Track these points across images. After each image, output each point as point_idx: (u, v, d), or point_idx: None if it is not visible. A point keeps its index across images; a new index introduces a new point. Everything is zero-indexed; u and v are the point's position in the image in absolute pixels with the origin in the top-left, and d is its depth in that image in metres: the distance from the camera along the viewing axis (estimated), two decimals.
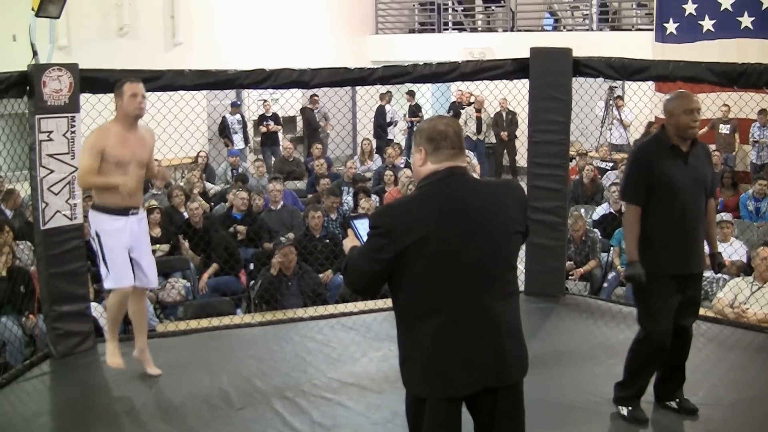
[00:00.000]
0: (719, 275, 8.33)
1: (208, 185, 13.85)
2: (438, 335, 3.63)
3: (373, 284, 3.77)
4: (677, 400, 5.73)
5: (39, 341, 8.20)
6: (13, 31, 14.62)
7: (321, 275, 9.49)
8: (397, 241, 3.58)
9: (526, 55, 8.22)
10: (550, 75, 8.08)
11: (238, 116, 17.82)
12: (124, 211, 6.14)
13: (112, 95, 6.74)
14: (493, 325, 3.66)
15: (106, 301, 6.50)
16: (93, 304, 6.94)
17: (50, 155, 6.66)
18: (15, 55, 10.23)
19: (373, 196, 12.11)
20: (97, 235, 6.13)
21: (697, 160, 5.41)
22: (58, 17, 7.06)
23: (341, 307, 8.21)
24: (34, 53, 6.93)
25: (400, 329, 3.77)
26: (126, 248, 6.19)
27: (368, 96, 16.03)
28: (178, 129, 8.40)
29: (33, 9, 6.83)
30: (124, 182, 6.00)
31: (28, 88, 6.67)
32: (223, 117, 17.74)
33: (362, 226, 3.94)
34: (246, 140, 17.96)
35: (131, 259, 6.25)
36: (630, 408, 5.68)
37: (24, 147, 7.29)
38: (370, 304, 7.93)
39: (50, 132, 6.65)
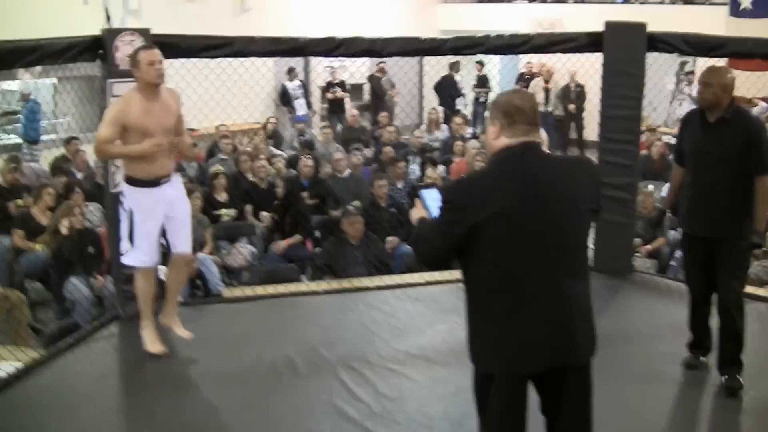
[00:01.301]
0: None
1: (275, 151, 13.84)
2: (508, 312, 3.57)
3: (444, 258, 3.74)
4: (726, 377, 5.71)
5: (107, 302, 8.30)
6: None
7: (387, 242, 9.44)
8: (469, 216, 3.53)
9: (596, 27, 8.06)
10: (624, 50, 7.90)
11: (297, 82, 17.77)
12: (155, 182, 5.99)
13: (182, 60, 6.75)
14: (563, 303, 3.60)
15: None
16: (161, 267, 6.96)
17: None
18: (85, 19, 10.34)
19: (440, 167, 12.03)
20: (131, 211, 6.02)
21: (723, 133, 5.58)
22: None
23: (407, 278, 8.16)
24: (108, 18, 6.93)
25: (469, 304, 3.72)
26: (159, 225, 6.10)
27: (439, 65, 15.98)
28: (248, 94, 8.38)
29: None
30: (143, 148, 5.83)
31: (100, 52, 6.67)
32: (282, 84, 17.73)
33: (430, 196, 3.90)
34: (309, 105, 17.93)
35: (165, 228, 6.17)
36: (688, 355, 6.13)
37: (94, 109, 7.34)
38: (436, 275, 7.85)
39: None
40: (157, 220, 6.07)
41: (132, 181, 6.00)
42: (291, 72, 17.64)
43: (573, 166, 3.82)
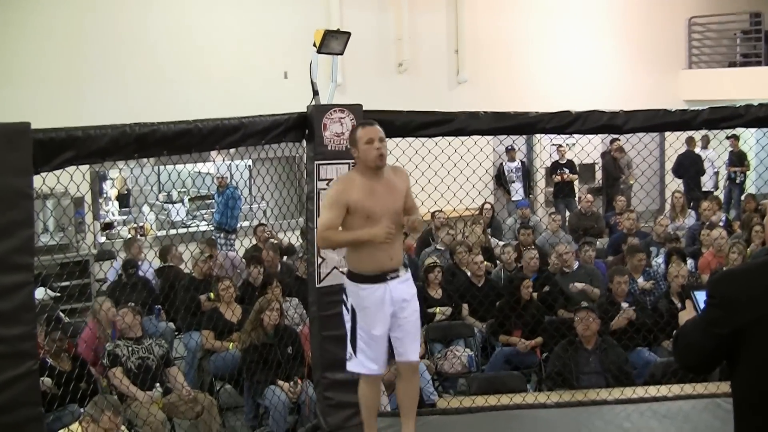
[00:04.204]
0: None
1: (497, 242, 13.84)
2: None
3: (705, 362, 3.66)
4: None
5: (307, 410, 8.40)
6: (283, 68, 15.36)
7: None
8: (735, 315, 3.44)
9: None
10: None
11: (516, 163, 17.76)
12: (381, 277, 5.91)
13: (397, 140, 6.84)
14: None
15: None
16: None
17: None
18: (284, 94, 10.66)
19: (689, 260, 11.70)
20: (353, 310, 5.98)
21: None
22: (341, 53, 7.18)
23: (652, 390, 7.94)
24: (315, 93, 7.04)
25: (736, 419, 3.62)
26: (387, 326, 5.99)
27: (680, 141, 15.66)
28: (467, 176, 8.34)
29: (315, 45, 6.94)
30: (375, 233, 5.72)
31: (307, 131, 6.86)
32: (501, 164, 17.75)
33: (703, 298, 3.80)
34: (526, 191, 17.79)
35: (391, 332, 6.04)
36: None
37: (292, 194, 7.50)
38: (688, 388, 7.62)
39: (329, 180, 6.76)
40: (384, 322, 5.97)
41: (355, 276, 5.97)
42: (510, 152, 17.65)
43: None
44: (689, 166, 18.05)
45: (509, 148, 17.55)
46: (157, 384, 8.50)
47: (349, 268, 6.03)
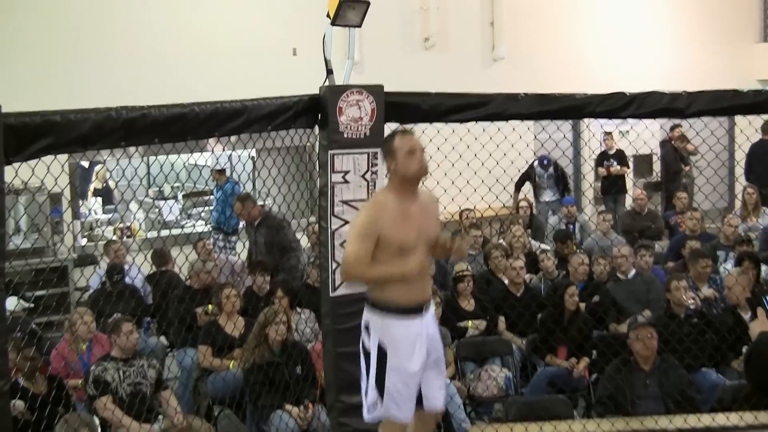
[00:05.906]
0: None
1: (538, 245, 13.79)
2: None
3: None
4: None
5: None
6: (292, 43, 15.32)
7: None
8: None
9: None
10: None
11: (550, 170, 17.20)
12: (416, 310, 5.92)
13: (424, 126, 6.82)
14: None
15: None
16: None
17: (345, 202, 6.77)
18: (294, 73, 10.60)
19: (762, 266, 11.63)
20: (381, 347, 5.89)
21: None
22: (359, 25, 7.15)
23: (721, 419, 7.89)
24: (329, 72, 7.02)
25: None
26: (422, 365, 5.95)
27: (752, 127, 15.53)
28: (502, 167, 8.31)
29: (328, 16, 6.90)
30: (406, 271, 5.75)
31: (319, 116, 6.85)
32: (530, 166, 16.94)
33: None
34: (562, 192, 17.30)
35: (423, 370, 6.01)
36: None
37: (302, 189, 7.48)
38: (763, 416, 7.56)
39: (346, 172, 6.75)
40: (420, 359, 5.92)
41: (384, 307, 5.91)
42: (545, 164, 17.01)
43: None
44: (762, 156, 17.76)
45: (544, 159, 17.15)
46: (160, 417, 8.44)
47: (374, 299, 5.94)
